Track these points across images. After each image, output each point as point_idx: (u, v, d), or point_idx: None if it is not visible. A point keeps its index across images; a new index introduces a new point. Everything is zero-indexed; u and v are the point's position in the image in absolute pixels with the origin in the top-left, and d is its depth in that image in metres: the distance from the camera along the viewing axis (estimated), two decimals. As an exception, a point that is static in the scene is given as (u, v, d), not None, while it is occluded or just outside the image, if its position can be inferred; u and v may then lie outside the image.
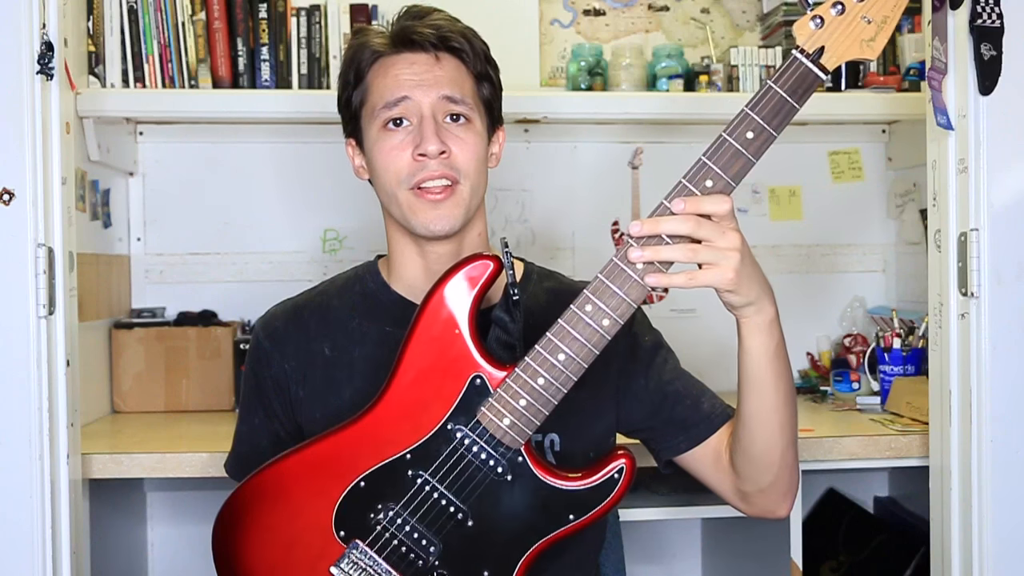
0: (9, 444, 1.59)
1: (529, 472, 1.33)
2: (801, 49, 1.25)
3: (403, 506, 1.33)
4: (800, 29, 1.25)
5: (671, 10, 2.86)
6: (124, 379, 2.51)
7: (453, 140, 1.43)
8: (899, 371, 2.39)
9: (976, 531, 1.66)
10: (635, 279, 1.25)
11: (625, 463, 1.34)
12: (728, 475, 1.46)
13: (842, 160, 2.85)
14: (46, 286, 1.60)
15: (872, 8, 1.24)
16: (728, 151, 1.25)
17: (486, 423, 1.31)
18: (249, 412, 1.55)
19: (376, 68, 1.46)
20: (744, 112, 1.24)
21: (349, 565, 1.34)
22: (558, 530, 1.34)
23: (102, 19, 2.47)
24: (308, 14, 2.54)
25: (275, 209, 2.71)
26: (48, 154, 1.62)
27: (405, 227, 1.46)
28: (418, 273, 1.50)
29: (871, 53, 1.26)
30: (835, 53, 1.25)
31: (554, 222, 2.78)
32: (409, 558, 1.34)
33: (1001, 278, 1.64)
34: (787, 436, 1.39)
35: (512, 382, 1.30)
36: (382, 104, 1.43)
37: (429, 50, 1.44)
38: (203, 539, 1.70)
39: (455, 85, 1.44)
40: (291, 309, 1.54)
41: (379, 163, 1.45)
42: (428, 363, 1.34)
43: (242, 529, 1.38)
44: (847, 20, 1.24)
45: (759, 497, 1.44)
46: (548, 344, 1.29)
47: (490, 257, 1.34)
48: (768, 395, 1.35)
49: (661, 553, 2.76)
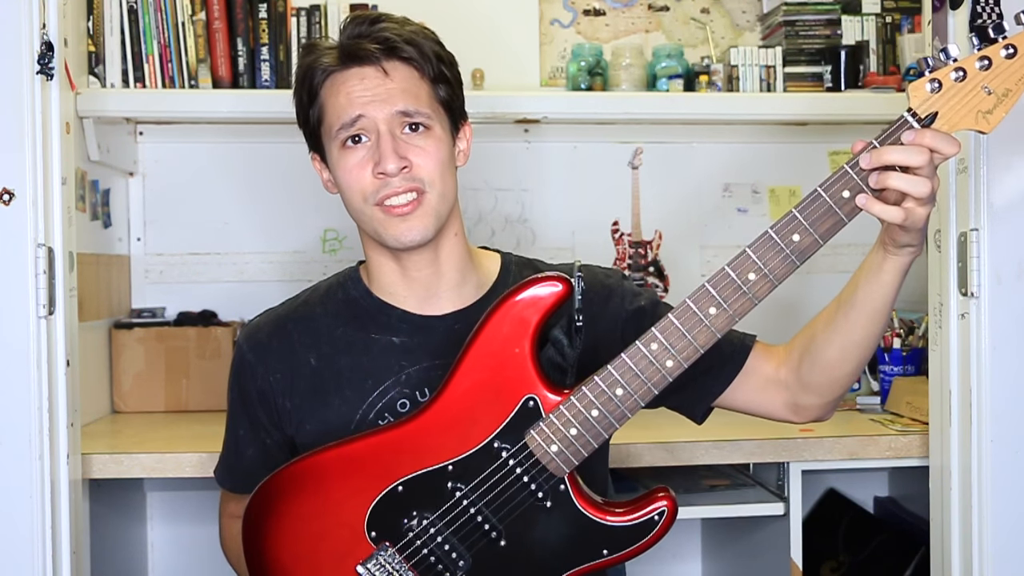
0: (9, 444, 1.59)
1: (570, 502, 1.32)
2: (913, 112, 1.21)
3: (438, 517, 1.33)
4: (915, 91, 1.20)
5: (671, 10, 2.86)
6: (124, 379, 2.51)
7: (413, 151, 1.39)
8: (899, 371, 2.39)
9: (976, 531, 1.66)
10: (705, 324, 1.25)
11: (667, 506, 1.32)
12: (783, 393, 1.45)
13: (842, 160, 2.84)
14: (46, 286, 1.60)
15: (995, 79, 1.19)
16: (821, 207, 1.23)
17: (533, 447, 1.30)
18: (235, 423, 1.54)
19: (328, 86, 1.43)
20: (844, 169, 1.23)
21: (376, 566, 1.34)
22: (590, 563, 1.33)
23: (102, 19, 2.47)
24: (308, 14, 2.54)
25: (275, 209, 2.71)
26: (48, 154, 1.62)
27: (378, 241, 1.44)
28: (396, 280, 1.47)
29: (987, 126, 1.21)
30: (948, 121, 1.20)
31: (554, 222, 2.78)
32: (436, 569, 1.34)
33: (1001, 278, 1.64)
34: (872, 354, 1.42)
35: (566, 409, 1.29)
36: (338, 125, 1.40)
37: (377, 63, 1.40)
38: (203, 539, 1.70)
39: (408, 96, 1.40)
40: (275, 320, 1.52)
41: (343, 182, 1.42)
42: (483, 377, 1.32)
43: (275, 515, 1.38)
44: (967, 88, 1.19)
45: (816, 408, 1.45)
46: (608, 378, 1.28)
47: (560, 279, 1.32)
48: (880, 323, 1.36)
49: (661, 553, 2.75)
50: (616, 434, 1.55)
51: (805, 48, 2.67)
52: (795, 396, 1.45)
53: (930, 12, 1.70)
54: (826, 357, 1.39)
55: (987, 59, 1.19)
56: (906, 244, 1.29)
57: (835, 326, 1.38)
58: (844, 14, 2.70)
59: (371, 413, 1.44)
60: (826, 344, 1.39)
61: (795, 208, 1.24)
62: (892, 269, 1.31)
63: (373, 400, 1.45)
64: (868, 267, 1.34)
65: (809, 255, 1.25)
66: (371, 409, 1.44)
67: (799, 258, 1.25)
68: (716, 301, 1.26)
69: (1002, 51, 1.18)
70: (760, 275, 1.25)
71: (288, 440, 1.50)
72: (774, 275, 1.25)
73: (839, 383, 1.42)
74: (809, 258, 1.26)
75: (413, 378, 1.44)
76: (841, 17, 2.69)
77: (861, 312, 1.35)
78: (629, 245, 2.77)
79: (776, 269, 1.25)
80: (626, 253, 2.77)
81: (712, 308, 1.26)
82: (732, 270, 1.25)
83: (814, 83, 2.66)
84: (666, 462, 2.05)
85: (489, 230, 2.74)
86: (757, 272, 1.25)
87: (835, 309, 1.39)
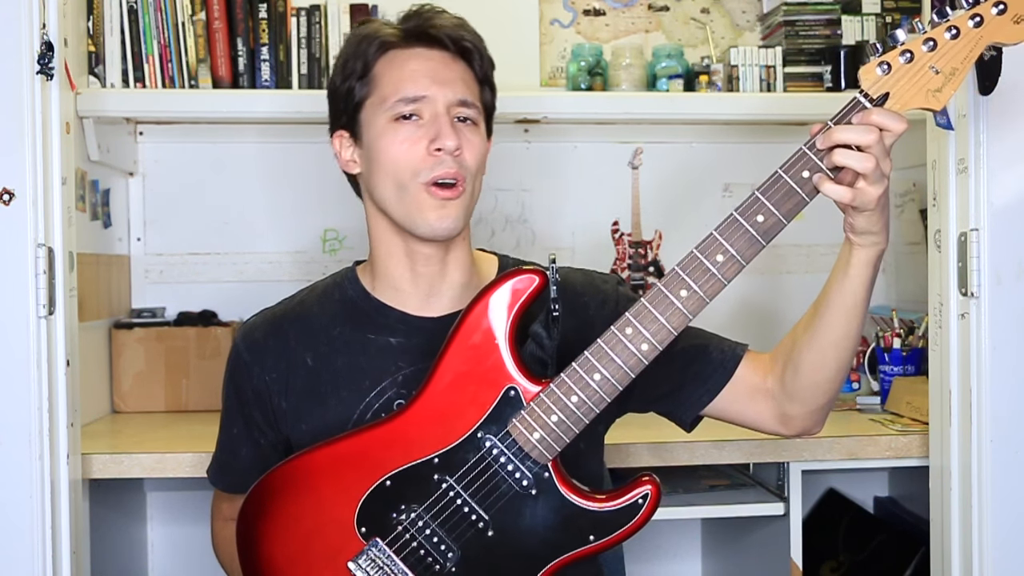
0: (9, 444, 1.59)
1: (554, 489, 1.33)
2: (865, 93, 1.25)
3: (425, 509, 1.34)
4: (866, 73, 1.25)
5: (671, 10, 2.86)
6: (124, 379, 2.51)
7: (464, 139, 1.42)
8: (899, 371, 2.39)
9: (976, 531, 1.66)
10: (677, 306, 1.27)
11: (651, 489, 1.34)
12: (770, 403, 1.46)
13: (842, 160, 2.85)
14: (46, 286, 1.60)
15: (941, 59, 1.24)
16: (783, 188, 1.27)
17: (516, 435, 1.32)
18: (229, 422, 1.54)
19: (387, 60, 1.43)
20: (802, 150, 1.26)
21: (367, 562, 1.35)
22: (577, 549, 1.34)
23: (102, 19, 2.47)
24: (308, 14, 2.54)
25: (275, 209, 2.71)
26: (48, 154, 1.62)
27: (402, 226, 1.44)
28: (403, 274, 1.48)
29: (936, 104, 1.25)
30: (899, 100, 1.25)
31: (554, 222, 2.78)
32: (426, 561, 1.34)
33: (1001, 278, 1.64)
34: (851, 361, 1.42)
35: (546, 397, 1.31)
36: (397, 97, 1.40)
37: (444, 48, 1.43)
38: (203, 539, 1.70)
39: (467, 87, 1.44)
40: (271, 319, 1.52)
41: (388, 155, 1.41)
42: (464, 370, 1.34)
43: (266, 515, 1.39)
44: (915, 69, 1.24)
45: (804, 419, 1.45)
46: (585, 363, 1.30)
47: (537, 272, 1.35)
48: (856, 323, 1.37)
49: (661, 553, 2.76)
50: (616, 434, 1.56)
51: (805, 48, 2.67)
52: (781, 406, 1.45)
53: (930, 12, 1.70)
54: (807, 361, 1.40)
55: (932, 40, 1.24)
56: (865, 231, 1.31)
57: (812, 328, 1.39)
58: (844, 14, 2.70)
59: (368, 413, 1.45)
60: (806, 348, 1.40)
61: (757, 189, 1.28)
62: (859, 263, 1.33)
63: (370, 400, 1.45)
64: (838, 264, 1.37)
65: (774, 235, 1.29)
66: (368, 409, 1.45)
67: (764, 238, 1.28)
68: (686, 284, 1.29)
69: (946, 33, 1.24)
70: (727, 256, 1.28)
71: (283, 440, 1.50)
72: (741, 256, 1.28)
73: (821, 389, 1.42)
74: (774, 237, 1.29)
75: (410, 379, 1.44)
76: (841, 17, 2.69)
77: (835, 311, 1.36)
78: (629, 245, 2.77)
79: (743, 250, 1.28)
80: (626, 253, 2.77)
81: (683, 291, 1.29)
82: (700, 252, 1.29)
83: (814, 83, 2.66)
84: (666, 462, 2.05)
85: (489, 230, 2.74)
86: (724, 253, 1.28)
87: (812, 312, 1.40)
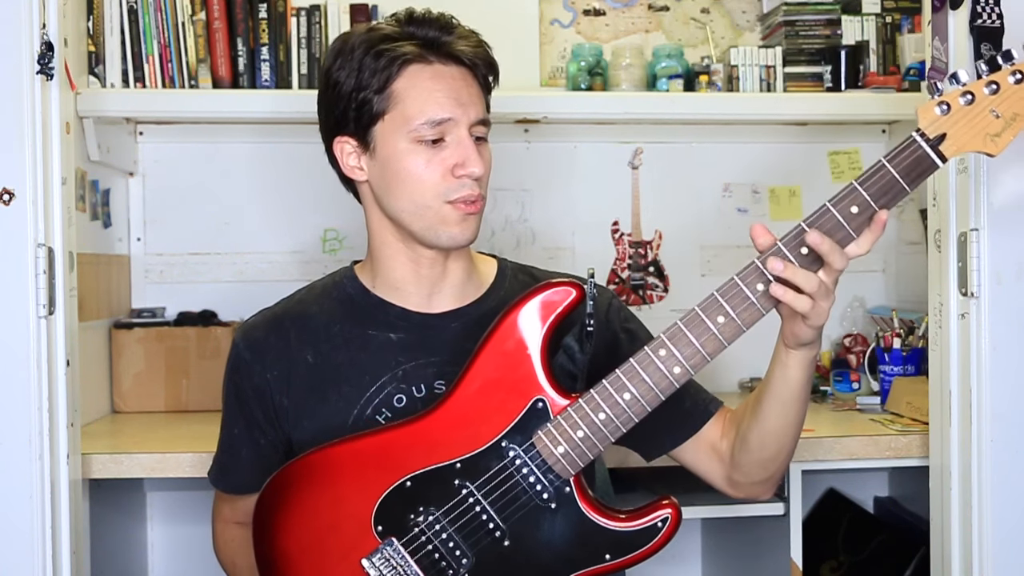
0: (9, 444, 1.59)
1: (574, 504, 1.33)
2: (922, 133, 1.23)
3: (444, 513, 1.34)
4: (924, 112, 1.23)
5: (671, 10, 2.86)
6: (124, 379, 2.51)
7: (483, 160, 1.42)
8: (899, 371, 2.39)
9: (976, 531, 1.66)
10: (714, 332, 1.26)
11: (671, 513, 1.35)
12: (721, 465, 1.48)
13: (842, 160, 2.85)
14: (46, 286, 1.60)
15: (1003, 103, 1.22)
16: (830, 222, 1.25)
17: (540, 447, 1.32)
18: (230, 422, 1.55)
19: (408, 77, 1.39)
20: (852, 186, 1.24)
21: (380, 560, 1.35)
22: (591, 567, 1.35)
23: (102, 19, 2.47)
24: (308, 14, 2.54)
25: (275, 209, 2.71)
26: (48, 154, 1.62)
27: (418, 237, 1.43)
28: (406, 274, 1.48)
29: (994, 149, 1.24)
30: (956, 142, 1.23)
31: (554, 222, 2.78)
32: (440, 565, 1.35)
33: (1001, 278, 1.64)
34: (795, 444, 1.43)
35: (573, 412, 1.31)
36: (422, 120, 1.38)
37: (464, 66, 1.42)
38: (203, 539, 1.70)
39: (483, 104, 1.44)
40: (271, 318, 1.53)
41: (412, 175, 1.40)
42: (495, 377, 1.34)
43: (283, 505, 1.39)
44: (975, 111, 1.22)
45: (749, 488, 1.48)
46: (615, 381, 1.30)
47: (574, 284, 1.34)
48: (792, 415, 1.38)
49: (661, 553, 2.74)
50: (615, 434, 1.56)
51: (805, 48, 2.67)
52: (728, 470, 1.47)
53: (930, 12, 1.70)
54: (751, 440, 1.41)
55: (995, 84, 1.22)
56: (809, 341, 1.30)
57: (754, 415, 1.40)
58: (844, 14, 2.70)
59: (368, 409, 1.45)
60: (748, 428, 1.41)
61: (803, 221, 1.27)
62: (796, 364, 1.33)
63: (370, 396, 1.45)
64: (774, 363, 1.36)
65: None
66: (368, 405, 1.45)
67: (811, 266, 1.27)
68: (724, 311, 1.27)
69: (1010, 77, 1.22)
70: (765, 287, 1.26)
71: (283, 440, 1.51)
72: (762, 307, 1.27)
73: (762, 466, 1.44)
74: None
75: (409, 374, 1.45)
76: (841, 17, 2.69)
77: (774, 404, 1.37)
78: (629, 245, 2.77)
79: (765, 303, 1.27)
80: (626, 253, 2.77)
81: (720, 317, 1.27)
82: (741, 280, 1.27)
83: (814, 83, 2.66)
84: (665, 462, 2.04)
85: (489, 230, 2.74)
86: (766, 283, 1.26)
87: (755, 398, 1.41)
